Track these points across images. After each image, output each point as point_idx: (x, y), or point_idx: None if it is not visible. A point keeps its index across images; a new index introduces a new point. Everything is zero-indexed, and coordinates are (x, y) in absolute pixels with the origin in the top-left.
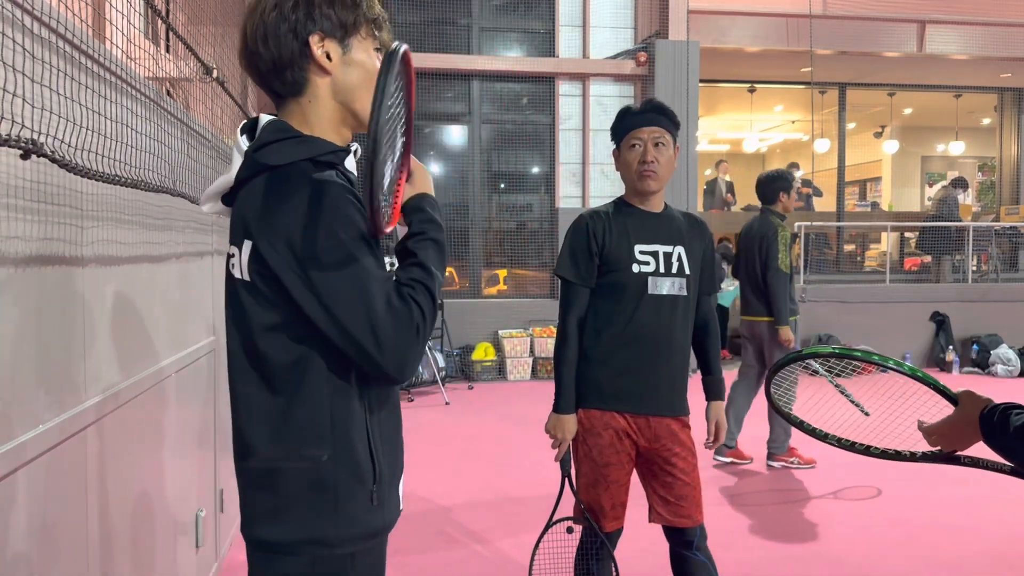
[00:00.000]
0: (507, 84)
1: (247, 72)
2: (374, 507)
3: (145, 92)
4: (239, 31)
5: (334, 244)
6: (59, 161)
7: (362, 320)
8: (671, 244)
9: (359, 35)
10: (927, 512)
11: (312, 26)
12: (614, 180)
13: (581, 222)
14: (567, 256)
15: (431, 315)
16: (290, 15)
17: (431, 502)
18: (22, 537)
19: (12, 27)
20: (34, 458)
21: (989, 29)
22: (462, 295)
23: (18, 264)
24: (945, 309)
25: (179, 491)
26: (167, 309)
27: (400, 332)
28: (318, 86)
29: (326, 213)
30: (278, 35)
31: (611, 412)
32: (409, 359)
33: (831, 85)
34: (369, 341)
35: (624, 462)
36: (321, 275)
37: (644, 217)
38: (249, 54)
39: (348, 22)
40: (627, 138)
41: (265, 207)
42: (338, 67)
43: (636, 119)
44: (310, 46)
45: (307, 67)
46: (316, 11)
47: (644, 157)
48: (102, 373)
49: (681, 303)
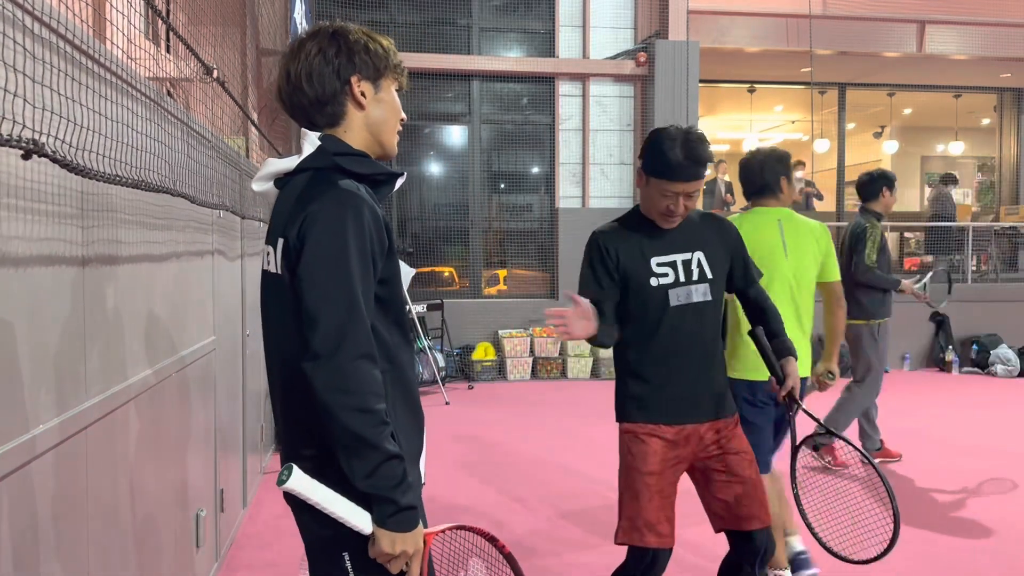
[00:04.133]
0: (507, 84)
1: (284, 106)
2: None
3: (146, 92)
4: (281, 70)
5: (344, 264)
6: (60, 161)
7: (333, 319)
8: (689, 251)
9: (387, 78)
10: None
11: (352, 69)
12: (614, 180)
13: (594, 240)
14: (589, 276)
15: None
16: (333, 60)
17: (431, 501)
18: (22, 536)
19: (12, 27)
20: (34, 458)
21: (989, 29)
22: (462, 295)
23: (18, 264)
24: (945, 309)
25: (179, 491)
26: (167, 309)
27: (349, 347)
28: (353, 118)
29: (354, 227)
30: (323, 75)
31: (656, 424)
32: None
33: (831, 85)
34: (324, 337)
35: (668, 473)
36: (316, 276)
37: (659, 229)
38: (292, 90)
39: (381, 67)
40: (661, 183)
41: (306, 200)
42: (371, 103)
43: (677, 173)
44: (351, 85)
45: (345, 103)
46: (356, 57)
47: (672, 208)
48: (102, 373)
49: (708, 308)
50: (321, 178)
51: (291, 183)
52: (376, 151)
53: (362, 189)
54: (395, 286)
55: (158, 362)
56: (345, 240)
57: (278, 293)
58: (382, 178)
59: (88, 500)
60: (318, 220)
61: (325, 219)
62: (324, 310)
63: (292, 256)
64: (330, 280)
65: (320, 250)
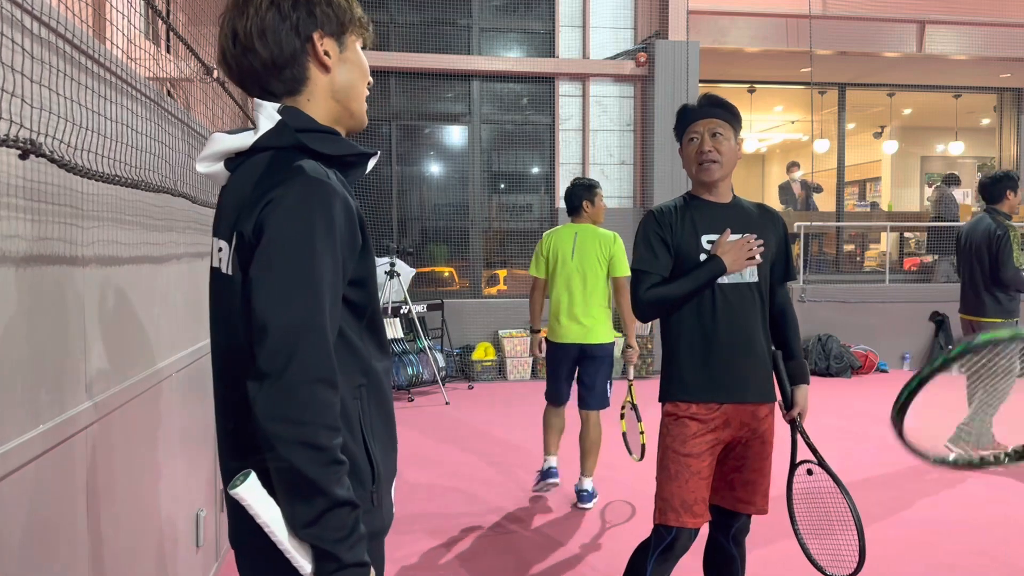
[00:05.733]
0: (507, 84)
1: (229, 72)
2: (374, 508)
3: (145, 92)
4: (224, 29)
5: (307, 256)
6: (58, 161)
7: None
8: (740, 232)
9: (351, 33)
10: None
11: (314, 24)
12: (614, 180)
13: (650, 217)
14: (643, 248)
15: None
16: (291, 13)
17: (431, 501)
18: (21, 537)
19: (12, 27)
20: (34, 458)
21: (989, 29)
22: (462, 295)
23: (18, 264)
24: (944, 309)
25: (179, 491)
26: (167, 309)
27: (302, 366)
28: (317, 83)
29: (322, 223)
30: (279, 32)
31: (697, 403)
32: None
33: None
34: (271, 348)
35: (706, 454)
36: (273, 269)
37: (711, 207)
38: (241, 52)
39: (344, 20)
40: (686, 134)
41: (265, 187)
42: (336, 64)
43: (692, 113)
44: (313, 43)
45: (307, 65)
46: (317, 9)
47: (701, 148)
48: (102, 373)
49: (754, 290)
50: (282, 160)
51: (246, 165)
52: (346, 122)
53: (332, 176)
54: (370, 287)
55: (158, 362)
56: (310, 237)
57: (229, 297)
58: (353, 159)
59: (88, 500)
60: (278, 211)
61: (287, 211)
62: (276, 319)
63: (246, 253)
64: (287, 284)
65: (277, 248)
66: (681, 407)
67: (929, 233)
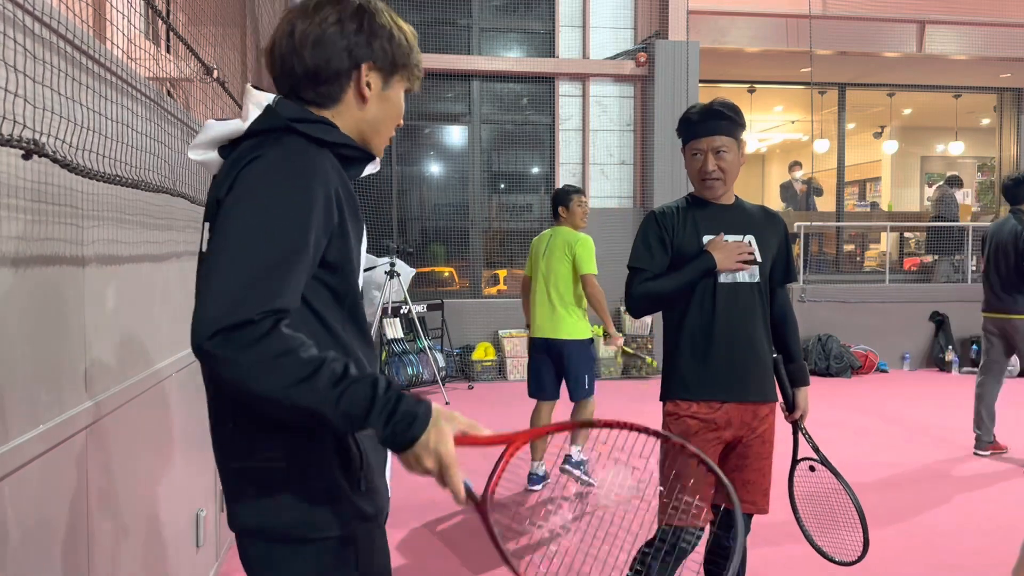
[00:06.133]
0: (507, 84)
1: (271, 65)
2: (364, 493)
3: (145, 92)
4: (283, 24)
5: (277, 209)
6: (60, 161)
7: (231, 278)
8: (741, 232)
9: (400, 75)
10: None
11: (368, 54)
12: (614, 180)
13: (651, 217)
14: (641, 247)
15: (279, 367)
16: (351, 35)
17: (431, 502)
18: (22, 537)
19: (12, 27)
20: (34, 458)
21: (989, 29)
22: (462, 295)
23: (18, 264)
24: (944, 309)
25: (179, 491)
26: (167, 309)
27: (248, 334)
28: (348, 109)
29: (293, 177)
30: (333, 48)
31: (698, 402)
32: (234, 362)
33: (831, 85)
34: (214, 303)
35: (709, 454)
36: (235, 211)
37: (713, 209)
38: (290, 51)
39: (399, 63)
40: (689, 147)
41: (244, 155)
42: (374, 99)
43: (695, 128)
44: (360, 70)
45: (346, 88)
46: (376, 42)
47: (704, 167)
48: (102, 373)
49: (756, 290)
50: (273, 138)
51: (238, 151)
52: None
53: (322, 155)
54: (348, 275)
55: (158, 362)
56: (279, 191)
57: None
58: (350, 153)
59: (88, 500)
60: (252, 167)
61: (260, 168)
62: (230, 269)
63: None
64: (248, 236)
65: (244, 194)
66: (682, 406)
67: (929, 233)
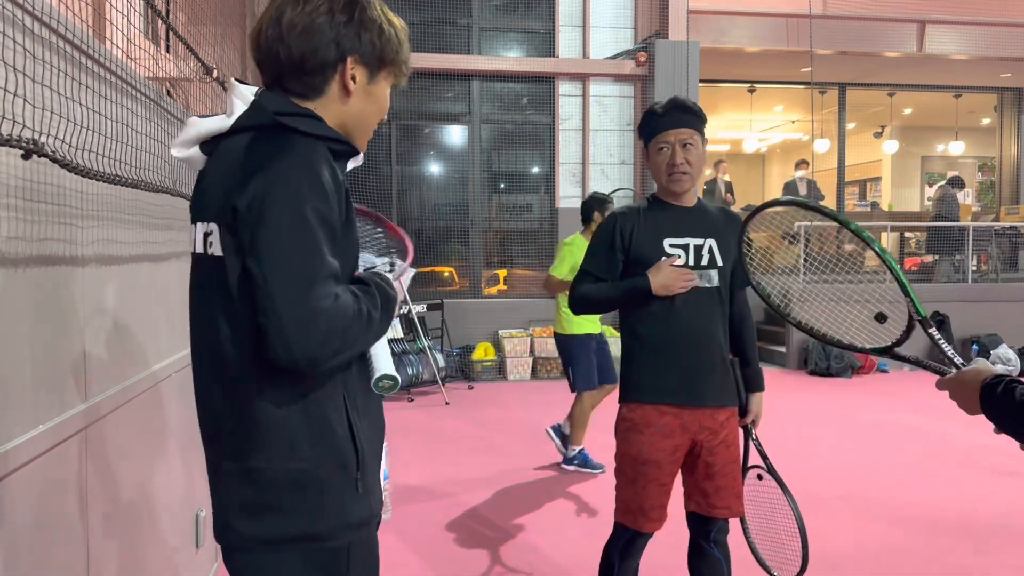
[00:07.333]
0: (507, 84)
1: (257, 50)
2: (360, 495)
3: (145, 92)
4: (271, 10)
5: (298, 215)
6: (60, 161)
7: (295, 289)
8: (702, 237)
9: (386, 70)
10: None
11: (356, 47)
12: (614, 180)
13: (611, 219)
14: (590, 251)
15: (366, 323)
16: (340, 27)
17: (431, 502)
18: (21, 537)
19: (12, 27)
20: (34, 458)
21: (989, 29)
22: (462, 295)
23: (18, 264)
24: (945, 309)
25: (179, 491)
26: (167, 309)
27: (330, 319)
28: (330, 102)
29: (305, 183)
30: (321, 38)
31: (657, 405)
32: (322, 350)
33: (831, 85)
34: (292, 316)
35: (666, 462)
36: (271, 235)
37: (675, 212)
38: (275, 37)
39: (387, 58)
40: (654, 141)
41: (255, 164)
42: (359, 92)
43: (661, 121)
44: (345, 63)
45: (330, 80)
46: (365, 35)
47: (672, 160)
48: (102, 373)
49: (716, 294)
50: (267, 137)
51: (226, 146)
52: None
53: (320, 147)
54: (347, 268)
55: (158, 362)
56: (303, 201)
57: (220, 279)
58: (337, 148)
59: (88, 500)
60: (276, 184)
61: (280, 179)
62: (280, 277)
63: (243, 228)
64: (291, 251)
65: (276, 216)
66: (636, 409)
67: (929, 233)
